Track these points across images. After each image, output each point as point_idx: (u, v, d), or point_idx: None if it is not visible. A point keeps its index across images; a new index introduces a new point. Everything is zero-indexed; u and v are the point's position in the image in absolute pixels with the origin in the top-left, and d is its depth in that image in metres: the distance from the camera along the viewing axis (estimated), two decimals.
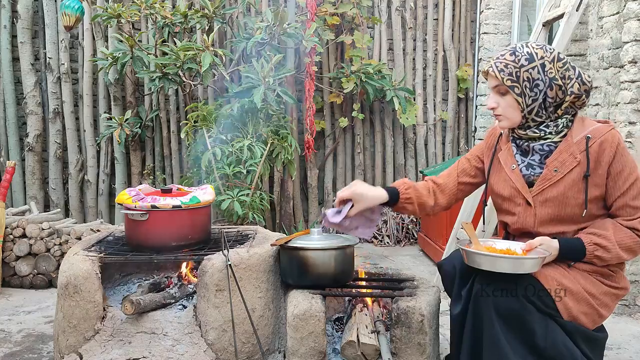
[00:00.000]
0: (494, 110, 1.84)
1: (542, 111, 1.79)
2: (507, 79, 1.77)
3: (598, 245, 1.73)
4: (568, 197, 1.78)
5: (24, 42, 4.58)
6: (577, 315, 1.76)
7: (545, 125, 1.81)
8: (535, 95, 1.77)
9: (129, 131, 4.38)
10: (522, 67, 1.76)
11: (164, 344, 2.19)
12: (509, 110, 1.81)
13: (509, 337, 1.69)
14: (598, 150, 1.74)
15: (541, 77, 1.76)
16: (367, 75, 4.46)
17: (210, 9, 4.03)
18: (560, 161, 1.79)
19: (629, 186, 1.73)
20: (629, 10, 2.91)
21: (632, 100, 2.93)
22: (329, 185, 4.92)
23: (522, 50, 1.78)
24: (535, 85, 1.76)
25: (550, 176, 1.80)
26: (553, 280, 1.74)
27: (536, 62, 1.76)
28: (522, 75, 1.76)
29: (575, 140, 1.78)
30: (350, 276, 2.33)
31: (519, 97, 1.77)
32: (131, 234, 2.37)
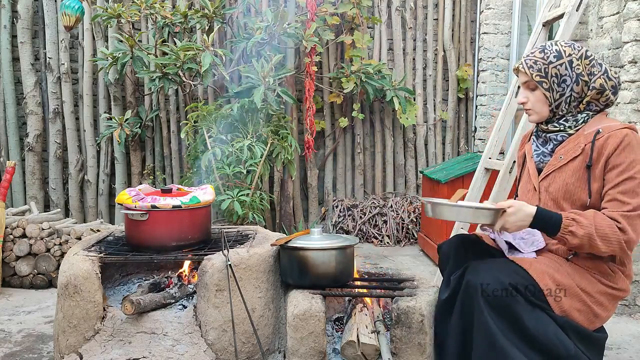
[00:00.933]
0: (524, 104, 1.92)
1: (566, 105, 1.86)
2: (537, 74, 1.85)
3: (574, 221, 1.72)
4: (568, 185, 1.83)
5: (24, 42, 4.58)
6: (568, 311, 1.76)
7: (565, 119, 1.88)
8: (562, 90, 1.85)
9: (129, 131, 4.38)
10: (551, 63, 1.84)
11: (164, 344, 2.19)
12: (538, 105, 1.89)
13: (500, 325, 1.72)
14: (603, 144, 1.77)
15: (568, 73, 1.83)
16: (367, 75, 4.46)
17: (210, 9, 4.03)
18: (566, 149, 1.86)
19: (622, 180, 1.74)
20: (629, 10, 2.91)
21: (632, 100, 2.93)
22: (329, 185, 4.92)
23: (551, 48, 1.86)
24: (563, 80, 1.84)
25: (555, 162, 1.88)
26: (546, 276, 1.75)
27: (564, 59, 1.83)
28: (550, 71, 1.84)
29: (586, 133, 1.84)
30: (350, 276, 2.33)
31: (547, 92, 1.85)
32: (131, 234, 2.37)
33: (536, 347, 1.72)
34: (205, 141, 3.77)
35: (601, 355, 1.90)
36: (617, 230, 1.71)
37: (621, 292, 1.84)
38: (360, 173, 4.97)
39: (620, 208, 1.73)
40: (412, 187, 5.01)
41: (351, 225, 4.79)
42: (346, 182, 4.99)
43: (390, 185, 5.01)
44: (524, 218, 1.75)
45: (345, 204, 4.86)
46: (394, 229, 4.75)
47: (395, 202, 4.87)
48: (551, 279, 1.75)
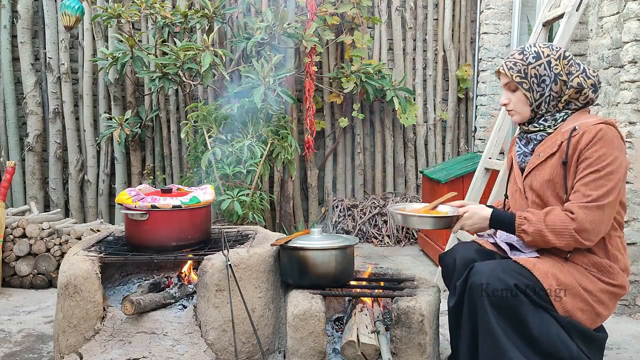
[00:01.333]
0: (506, 106, 1.96)
1: (546, 105, 1.89)
2: (516, 75, 1.88)
3: (525, 219, 1.81)
4: (548, 181, 1.86)
5: (24, 42, 4.58)
6: (572, 311, 1.77)
7: (544, 119, 1.91)
8: (542, 90, 1.88)
9: (129, 131, 4.38)
10: (530, 64, 1.87)
11: (164, 344, 2.19)
12: (519, 105, 1.92)
13: (503, 327, 1.72)
14: (578, 140, 1.80)
15: (547, 73, 1.87)
16: (367, 75, 4.46)
17: (210, 9, 4.03)
18: (544, 147, 1.90)
19: (588, 173, 1.76)
20: (629, 10, 2.91)
21: (632, 100, 2.93)
22: (329, 185, 4.92)
23: (530, 50, 1.90)
24: (542, 80, 1.87)
25: (534, 160, 1.92)
26: (549, 276, 1.76)
27: (542, 60, 1.87)
28: (529, 72, 1.87)
29: (563, 130, 1.87)
30: (350, 276, 2.33)
31: (527, 92, 1.89)
32: (131, 234, 2.37)
33: (538, 348, 1.73)
34: (205, 141, 3.77)
35: (601, 355, 1.90)
36: (568, 222, 1.75)
37: (621, 290, 1.85)
38: (360, 173, 4.97)
39: (580, 200, 1.76)
40: (412, 187, 5.01)
41: (351, 225, 4.79)
42: (346, 182, 4.99)
43: (390, 185, 5.01)
44: (479, 221, 1.91)
45: (345, 204, 4.86)
46: (394, 229, 4.75)
47: (395, 202, 4.87)
48: (554, 278, 1.76)
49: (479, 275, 1.77)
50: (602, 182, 1.74)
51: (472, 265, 1.84)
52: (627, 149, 2.97)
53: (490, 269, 1.77)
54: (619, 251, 1.86)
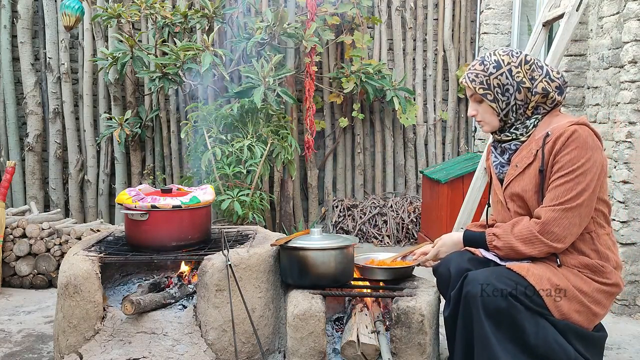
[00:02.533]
0: (475, 117, 1.96)
1: (513, 113, 1.88)
2: (479, 87, 1.87)
3: (494, 235, 1.85)
4: (528, 192, 1.85)
5: (24, 42, 4.58)
6: (568, 314, 1.76)
7: (515, 127, 1.91)
8: (507, 100, 1.87)
9: (129, 131, 4.38)
10: (491, 74, 1.86)
11: (164, 344, 2.19)
12: (487, 116, 1.92)
13: (499, 337, 1.70)
14: (552, 146, 1.80)
15: (510, 82, 1.85)
16: (367, 75, 4.46)
17: (210, 9, 4.03)
18: (520, 157, 1.89)
19: (559, 177, 1.77)
20: (629, 10, 2.91)
21: (632, 100, 2.93)
22: (329, 185, 4.92)
23: (490, 59, 1.88)
24: (506, 90, 1.86)
25: (512, 172, 1.91)
26: (544, 280, 1.75)
27: (503, 69, 1.85)
28: (492, 82, 1.86)
29: (537, 137, 1.87)
30: (350, 276, 2.33)
31: (492, 102, 1.88)
32: (131, 234, 2.37)
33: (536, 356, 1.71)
34: (205, 141, 3.77)
35: (601, 355, 1.90)
36: (533, 227, 1.77)
37: (616, 288, 1.84)
38: (360, 173, 4.97)
39: (547, 203, 1.78)
40: (412, 187, 5.01)
41: (351, 225, 4.79)
42: (346, 182, 4.99)
43: (390, 185, 5.01)
44: (453, 247, 2.02)
45: (345, 204, 4.86)
46: (394, 229, 4.75)
47: (395, 202, 4.87)
48: (549, 282, 1.75)
49: (473, 284, 1.75)
50: (572, 185, 1.74)
51: (466, 275, 1.82)
52: (627, 149, 2.97)
53: (485, 277, 1.76)
54: (609, 249, 1.85)
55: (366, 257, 2.50)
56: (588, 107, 3.48)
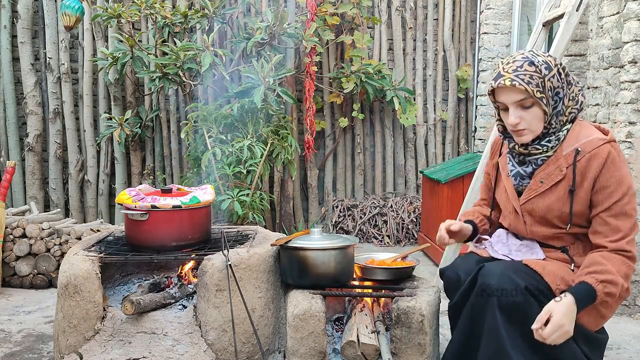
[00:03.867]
0: (517, 125, 1.75)
1: (555, 120, 1.76)
2: (536, 90, 1.69)
3: (606, 282, 1.68)
4: (553, 210, 1.79)
5: (24, 42, 4.58)
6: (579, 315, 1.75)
7: (548, 139, 1.78)
8: (555, 104, 1.74)
9: (129, 131, 4.38)
10: (546, 76, 1.71)
11: (164, 344, 2.19)
12: (535, 123, 1.75)
13: (510, 331, 1.68)
14: (586, 165, 1.73)
15: (560, 85, 1.74)
16: (367, 75, 4.46)
17: (210, 9, 4.03)
18: (547, 173, 1.79)
19: (613, 203, 1.71)
20: (629, 10, 2.91)
21: (632, 100, 2.93)
22: (329, 185, 4.92)
23: (537, 59, 1.72)
24: (557, 93, 1.74)
25: (535, 187, 1.82)
26: (558, 279, 1.74)
27: (554, 70, 1.73)
28: (547, 84, 1.71)
29: (565, 153, 1.77)
30: (350, 276, 2.33)
31: (546, 107, 1.72)
32: (131, 234, 2.37)
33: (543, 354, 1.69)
34: (205, 141, 3.77)
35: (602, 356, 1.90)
36: (628, 262, 1.72)
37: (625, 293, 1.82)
38: (360, 173, 4.97)
39: (616, 235, 1.71)
40: (412, 187, 5.01)
41: (351, 225, 4.79)
42: (346, 182, 4.99)
43: (390, 185, 5.01)
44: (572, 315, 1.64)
45: (345, 204, 4.86)
46: (394, 229, 4.75)
47: (395, 202, 4.87)
48: (563, 282, 1.73)
49: (489, 276, 1.72)
50: (628, 208, 1.71)
51: (482, 265, 1.80)
52: (627, 149, 2.97)
53: (501, 270, 1.73)
54: None
55: (366, 257, 2.51)
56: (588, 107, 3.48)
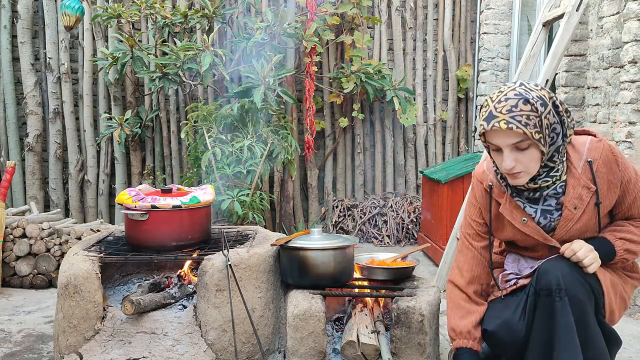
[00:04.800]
0: (512, 169, 1.62)
1: (558, 155, 1.66)
2: (535, 131, 1.56)
3: (625, 240, 1.71)
4: (589, 230, 1.75)
5: (24, 42, 4.58)
6: (615, 310, 1.73)
7: (555, 170, 1.68)
8: (552, 141, 1.63)
9: (129, 131, 4.38)
10: (542, 114, 1.58)
11: (164, 344, 2.19)
12: (531, 165, 1.62)
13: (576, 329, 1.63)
14: (605, 171, 1.69)
15: (556, 120, 1.63)
16: (367, 75, 4.46)
17: (210, 9, 4.03)
18: (577, 198, 1.69)
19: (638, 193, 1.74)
20: (629, 10, 2.91)
21: (632, 100, 2.93)
22: (329, 185, 4.92)
23: (532, 95, 1.58)
24: (553, 129, 1.63)
25: (571, 216, 1.71)
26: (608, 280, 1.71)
27: (549, 105, 1.61)
28: (544, 123, 1.58)
29: (580, 170, 1.69)
30: (350, 276, 2.33)
31: (544, 147, 1.60)
32: (131, 234, 2.37)
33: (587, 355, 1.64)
34: (205, 141, 3.77)
35: None
36: None
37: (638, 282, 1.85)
38: (360, 173, 4.97)
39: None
40: (412, 187, 5.01)
41: (351, 225, 4.79)
42: (346, 182, 4.99)
43: (390, 185, 5.01)
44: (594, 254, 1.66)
45: (345, 204, 4.86)
46: (394, 229, 4.75)
47: (395, 202, 4.87)
48: (610, 281, 1.71)
49: (554, 273, 1.63)
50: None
51: (540, 267, 1.71)
52: (627, 149, 2.97)
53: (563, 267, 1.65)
54: None
55: (366, 257, 2.51)
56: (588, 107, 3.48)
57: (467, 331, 1.81)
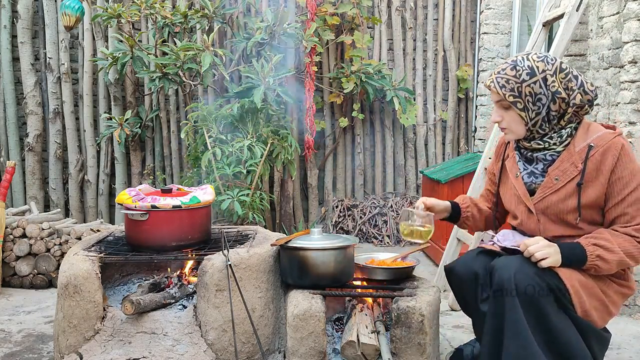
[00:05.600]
0: (498, 123, 1.85)
1: (546, 124, 1.79)
2: (510, 94, 1.76)
3: (598, 246, 1.72)
4: (568, 205, 1.80)
5: (24, 42, 4.58)
6: (589, 310, 1.75)
7: (549, 137, 1.81)
8: (538, 109, 1.77)
9: (129, 131, 4.38)
10: (524, 82, 1.75)
11: (164, 344, 2.19)
12: (513, 124, 1.82)
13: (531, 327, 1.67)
14: (600, 159, 1.74)
15: (543, 91, 1.75)
16: (367, 75, 4.46)
17: (210, 9, 4.03)
18: (561, 170, 1.81)
19: (628, 193, 1.74)
20: (629, 10, 2.91)
21: (632, 100, 2.93)
22: (329, 185, 4.92)
23: (523, 64, 1.76)
24: (538, 99, 1.76)
25: (551, 184, 1.82)
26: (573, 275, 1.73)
27: (537, 77, 1.75)
28: (524, 90, 1.75)
29: (578, 149, 1.79)
30: (350, 276, 2.33)
31: (522, 112, 1.78)
32: (131, 234, 2.37)
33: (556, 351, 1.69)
34: (205, 141, 3.77)
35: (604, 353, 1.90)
36: (637, 244, 1.72)
37: (630, 290, 1.86)
38: (360, 173, 4.97)
39: (630, 222, 1.73)
40: (412, 187, 5.01)
41: (351, 225, 4.79)
42: (346, 182, 4.99)
43: (390, 185, 5.01)
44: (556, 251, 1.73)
45: (345, 204, 4.86)
46: (394, 229, 4.75)
47: (395, 202, 4.87)
48: (576, 279, 1.73)
49: (506, 270, 1.70)
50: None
51: (495, 262, 1.78)
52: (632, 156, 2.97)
53: (518, 264, 1.71)
54: None
55: (366, 257, 2.51)
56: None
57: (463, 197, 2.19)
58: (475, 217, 2.15)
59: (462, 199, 2.17)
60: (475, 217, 2.15)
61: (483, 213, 2.16)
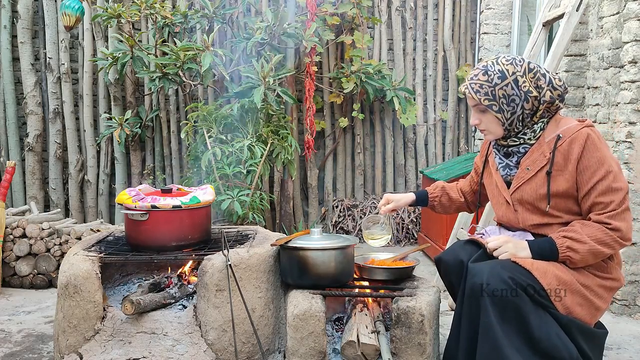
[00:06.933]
0: (477, 126, 1.95)
1: (519, 123, 1.88)
2: (484, 98, 1.85)
3: (567, 238, 1.78)
4: (540, 194, 1.86)
5: (24, 42, 4.58)
6: (572, 307, 1.77)
7: (523, 133, 1.90)
8: (513, 110, 1.85)
9: (129, 131, 4.38)
10: (497, 85, 1.83)
11: (164, 344, 2.19)
12: (492, 126, 1.91)
13: (504, 328, 1.71)
14: (567, 149, 1.81)
15: (516, 92, 1.83)
16: (367, 75, 4.46)
17: (210, 9, 4.03)
18: (532, 160, 1.89)
19: (597, 181, 1.77)
20: (629, 10, 2.91)
21: (632, 100, 2.93)
22: (329, 185, 4.92)
23: (493, 69, 1.84)
24: (512, 100, 1.84)
25: (523, 174, 1.90)
26: (548, 274, 1.75)
27: (509, 79, 1.83)
28: (497, 93, 1.83)
29: (547, 140, 1.87)
30: (350, 276, 2.33)
31: (497, 113, 1.86)
32: (131, 234, 2.37)
33: (539, 350, 1.71)
34: (205, 141, 3.78)
35: (601, 353, 1.90)
36: (609, 232, 1.75)
37: (617, 282, 1.87)
38: (360, 173, 4.97)
39: (604, 210, 1.77)
40: (412, 187, 5.01)
41: (351, 225, 4.79)
42: (346, 182, 4.99)
43: (390, 185, 5.01)
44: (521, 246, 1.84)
45: (345, 204, 4.86)
46: (394, 229, 4.75)
47: None
48: (553, 276, 1.75)
49: (479, 275, 1.76)
50: (615, 185, 1.76)
51: (468, 266, 1.83)
52: (627, 149, 2.97)
53: (489, 268, 1.76)
54: None
55: (366, 257, 2.51)
56: (588, 107, 3.48)
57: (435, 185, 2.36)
58: (444, 204, 2.33)
59: (434, 188, 2.35)
60: (444, 205, 2.33)
61: (454, 201, 2.33)
